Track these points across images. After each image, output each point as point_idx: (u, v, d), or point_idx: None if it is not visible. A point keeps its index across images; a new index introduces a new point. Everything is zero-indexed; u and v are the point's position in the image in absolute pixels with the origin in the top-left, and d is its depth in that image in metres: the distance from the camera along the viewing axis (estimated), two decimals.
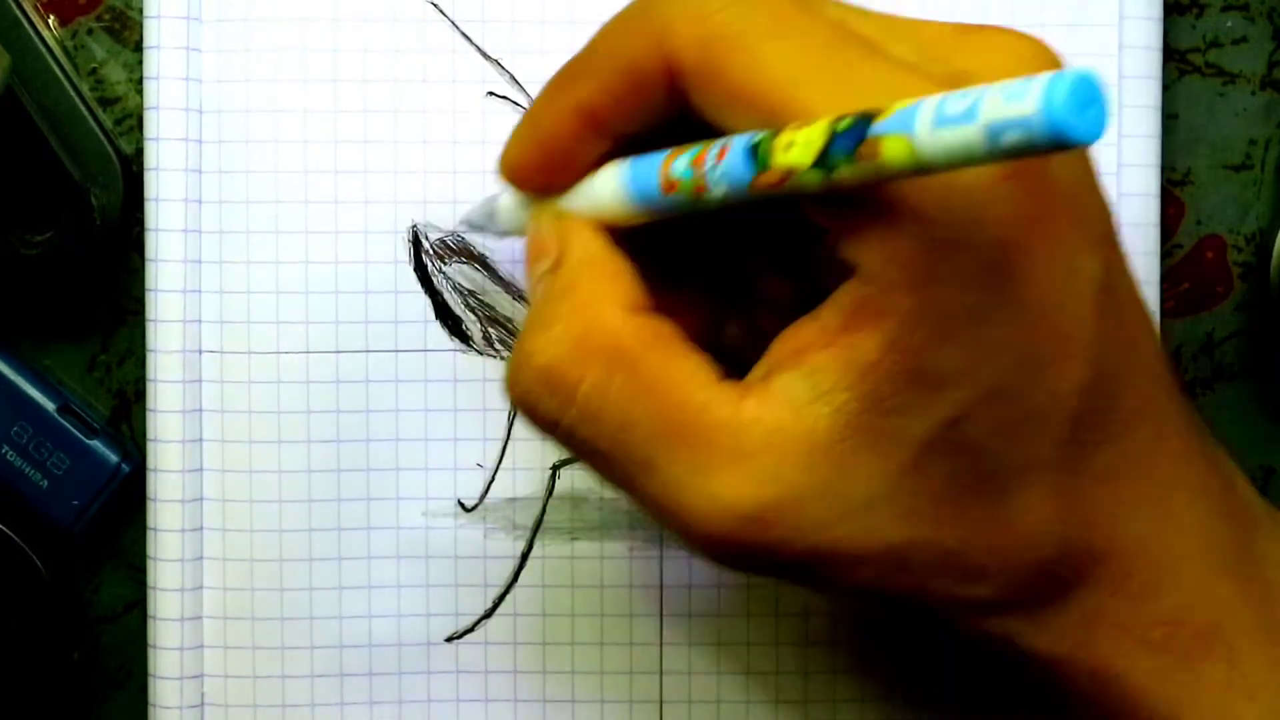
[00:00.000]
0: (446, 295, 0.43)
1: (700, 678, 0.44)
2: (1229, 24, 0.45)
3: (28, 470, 0.43)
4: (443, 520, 0.43)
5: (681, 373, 0.31)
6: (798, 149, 0.27)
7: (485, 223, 0.38)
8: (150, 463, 0.43)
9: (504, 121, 0.43)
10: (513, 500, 0.44)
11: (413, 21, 0.43)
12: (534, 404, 0.32)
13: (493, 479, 0.44)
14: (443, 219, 0.43)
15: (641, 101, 0.31)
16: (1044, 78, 0.23)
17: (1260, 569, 0.33)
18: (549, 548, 0.44)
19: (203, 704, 0.43)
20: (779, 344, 0.31)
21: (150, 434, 0.43)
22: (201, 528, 0.43)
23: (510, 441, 0.43)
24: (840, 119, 0.26)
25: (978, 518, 0.30)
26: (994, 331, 0.29)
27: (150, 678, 0.43)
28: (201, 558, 0.43)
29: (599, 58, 0.32)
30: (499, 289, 0.43)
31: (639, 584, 0.44)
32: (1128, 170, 0.43)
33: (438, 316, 0.43)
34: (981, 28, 0.31)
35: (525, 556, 0.44)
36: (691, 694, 0.44)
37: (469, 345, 0.43)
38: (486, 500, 0.44)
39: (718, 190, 0.29)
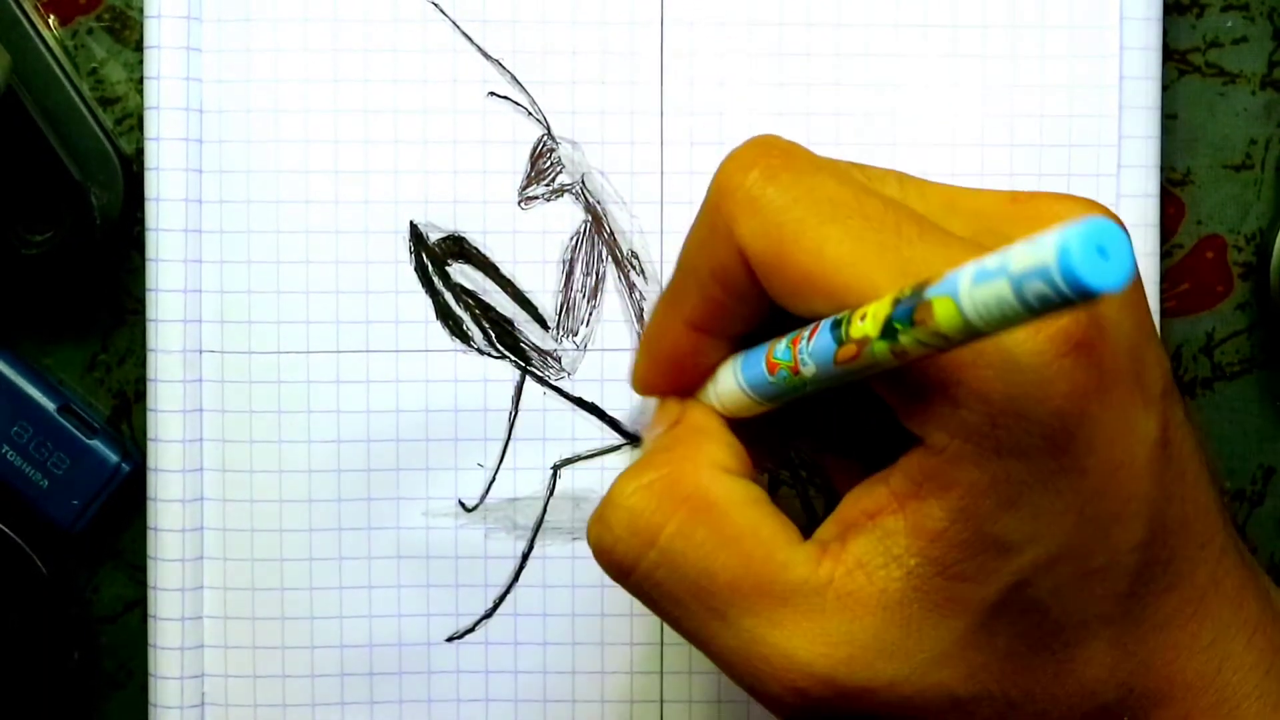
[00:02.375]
0: (447, 295, 0.43)
1: (701, 677, 0.44)
2: (1229, 24, 0.45)
3: (28, 470, 0.43)
4: (443, 520, 0.43)
5: (766, 531, 0.32)
6: (869, 320, 0.28)
7: (637, 425, 0.42)
8: (150, 462, 0.43)
9: (504, 121, 0.43)
10: (513, 500, 0.44)
11: (413, 21, 0.43)
12: (613, 544, 0.33)
13: (493, 479, 0.44)
14: (443, 219, 0.43)
15: (736, 302, 0.32)
16: (1062, 226, 0.23)
17: None
18: (550, 548, 0.44)
19: (203, 704, 0.43)
20: (849, 503, 0.32)
21: (150, 434, 0.43)
22: (202, 527, 0.43)
23: (511, 442, 0.43)
24: (903, 290, 0.27)
25: (1041, 671, 0.31)
26: (1056, 499, 0.30)
27: (150, 677, 0.43)
28: (202, 557, 0.43)
29: (689, 270, 0.33)
30: (499, 289, 0.43)
31: None
32: (1127, 171, 0.43)
33: (438, 316, 0.43)
34: (1035, 195, 0.32)
35: (526, 556, 0.44)
36: (692, 694, 0.44)
37: (470, 345, 0.43)
38: (487, 500, 0.44)
39: (809, 368, 0.30)
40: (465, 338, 0.43)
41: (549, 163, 0.43)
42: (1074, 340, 0.29)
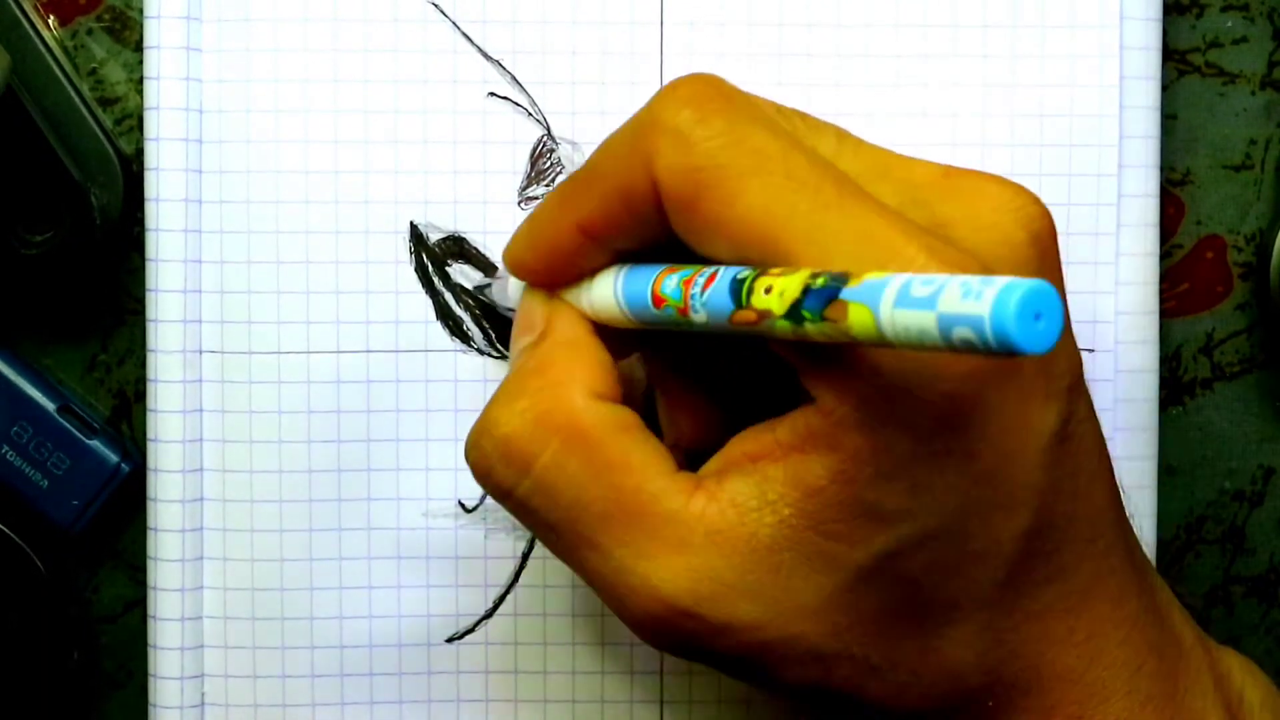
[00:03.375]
0: (447, 295, 0.43)
1: (701, 677, 0.44)
2: (1229, 24, 0.45)
3: (28, 470, 0.43)
4: (443, 521, 0.43)
5: (638, 460, 0.32)
6: (774, 296, 0.28)
7: (498, 295, 0.41)
8: (150, 463, 0.43)
9: (504, 122, 0.43)
10: None
11: (413, 22, 0.43)
12: (489, 470, 0.33)
13: None
14: (443, 219, 0.43)
15: (635, 223, 0.32)
16: (1000, 283, 0.23)
17: (1187, 700, 0.34)
18: None
19: (203, 704, 0.43)
20: (735, 444, 0.32)
21: (150, 434, 0.43)
22: (202, 528, 0.43)
23: None
24: (817, 275, 0.27)
25: (906, 643, 0.32)
26: (940, 478, 0.30)
27: (150, 678, 0.43)
28: (202, 558, 0.43)
29: (596, 178, 0.33)
30: None
31: None
32: (1128, 171, 0.43)
33: (438, 317, 0.43)
34: (970, 173, 0.32)
35: (526, 557, 0.44)
36: (692, 694, 0.44)
37: (470, 345, 0.43)
38: (487, 501, 0.44)
39: (699, 316, 0.30)
40: (465, 338, 0.43)
41: (549, 163, 0.43)
42: None
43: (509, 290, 0.38)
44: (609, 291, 0.34)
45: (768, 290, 0.28)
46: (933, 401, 0.29)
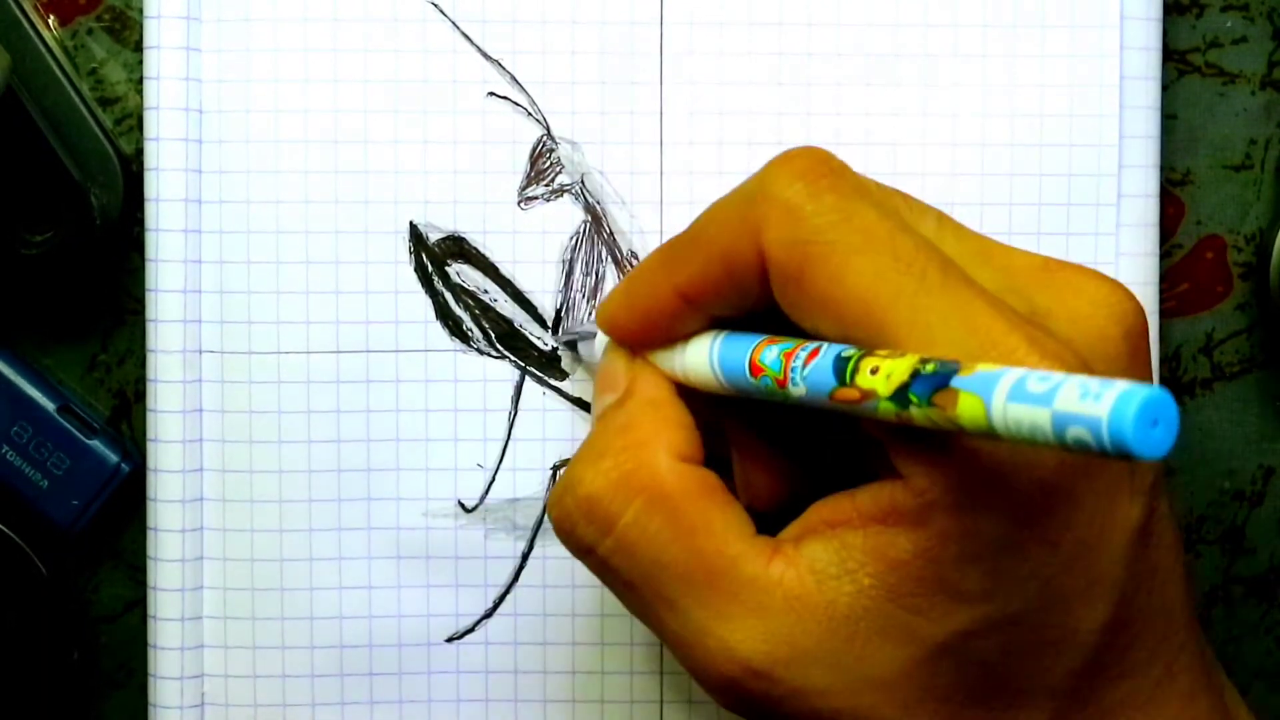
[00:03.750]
0: (447, 295, 0.43)
1: None
2: (1229, 24, 0.45)
3: (28, 470, 0.43)
4: (443, 521, 0.43)
5: (719, 523, 0.32)
6: (880, 378, 0.28)
7: (583, 349, 0.41)
8: (150, 463, 0.43)
9: (504, 121, 0.43)
10: (513, 501, 0.44)
11: (413, 22, 0.43)
12: (571, 528, 0.33)
13: (493, 479, 0.44)
14: (443, 219, 0.43)
15: (735, 290, 0.33)
16: (1120, 387, 0.24)
17: None
18: (550, 548, 0.44)
19: (203, 704, 0.43)
20: (814, 511, 0.32)
21: (150, 434, 0.43)
22: (201, 528, 0.43)
23: (511, 442, 0.43)
24: (926, 362, 0.27)
25: None
26: (1023, 564, 0.30)
27: (150, 677, 0.43)
28: (201, 558, 0.43)
29: (700, 243, 0.33)
30: (499, 289, 0.43)
31: None
32: (1128, 171, 0.43)
33: (438, 317, 0.43)
34: (1069, 266, 0.33)
35: (526, 557, 0.44)
36: (692, 694, 0.44)
37: (469, 345, 0.43)
38: (487, 501, 0.44)
39: (797, 390, 0.31)
40: (465, 338, 0.43)
41: (549, 163, 0.43)
42: None
43: (598, 345, 0.38)
44: (704, 356, 0.34)
45: (874, 371, 0.28)
46: (1024, 489, 0.29)
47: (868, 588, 0.30)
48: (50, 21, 0.43)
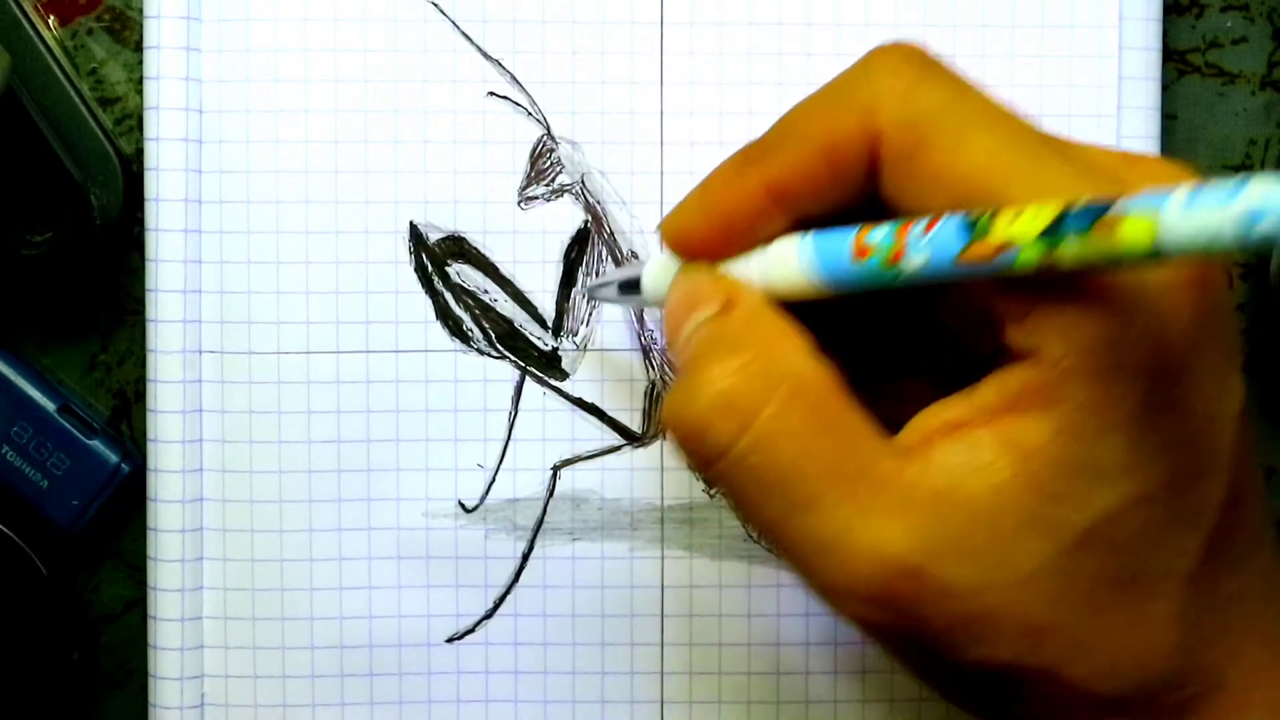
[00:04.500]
0: (447, 295, 0.43)
1: (701, 678, 0.44)
2: (1229, 24, 0.45)
3: (28, 470, 0.43)
4: (443, 521, 0.43)
5: (856, 420, 0.31)
6: (1024, 221, 0.28)
7: (617, 295, 0.38)
8: (150, 463, 0.43)
9: (504, 121, 0.43)
10: (513, 501, 0.44)
11: (413, 21, 0.43)
12: (702, 431, 0.31)
13: (493, 480, 0.44)
14: (443, 219, 0.43)
15: (838, 180, 0.32)
16: None
17: None
18: (550, 548, 0.44)
19: (202, 704, 0.43)
20: (927, 416, 0.31)
21: (150, 434, 0.43)
22: (201, 528, 0.43)
23: (511, 442, 0.43)
24: (1074, 201, 0.27)
25: (1118, 615, 0.31)
26: (1156, 435, 0.30)
27: (150, 678, 0.43)
28: (201, 558, 0.43)
29: (796, 134, 0.32)
30: (499, 289, 0.43)
31: (640, 584, 0.44)
32: None
33: (438, 317, 0.43)
34: (1143, 157, 0.32)
35: (526, 557, 0.44)
36: (693, 694, 0.44)
37: (469, 345, 0.43)
38: (487, 501, 0.44)
39: (917, 259, 0.30)
40: (465, 338, 0.43)
41: (549, 163, 0.43)
42: (1198, 277, 0.29)
43: (648, 277, 0.36)
44: (792, 252, 0.32)
45: (1014, 218, 0.28)
46: (1158, 350, 0.29)
47: (1004, 482, 0.30)
48: (50, 21, 0.44)
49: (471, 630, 0.44)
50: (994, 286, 0.30)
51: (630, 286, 0.37)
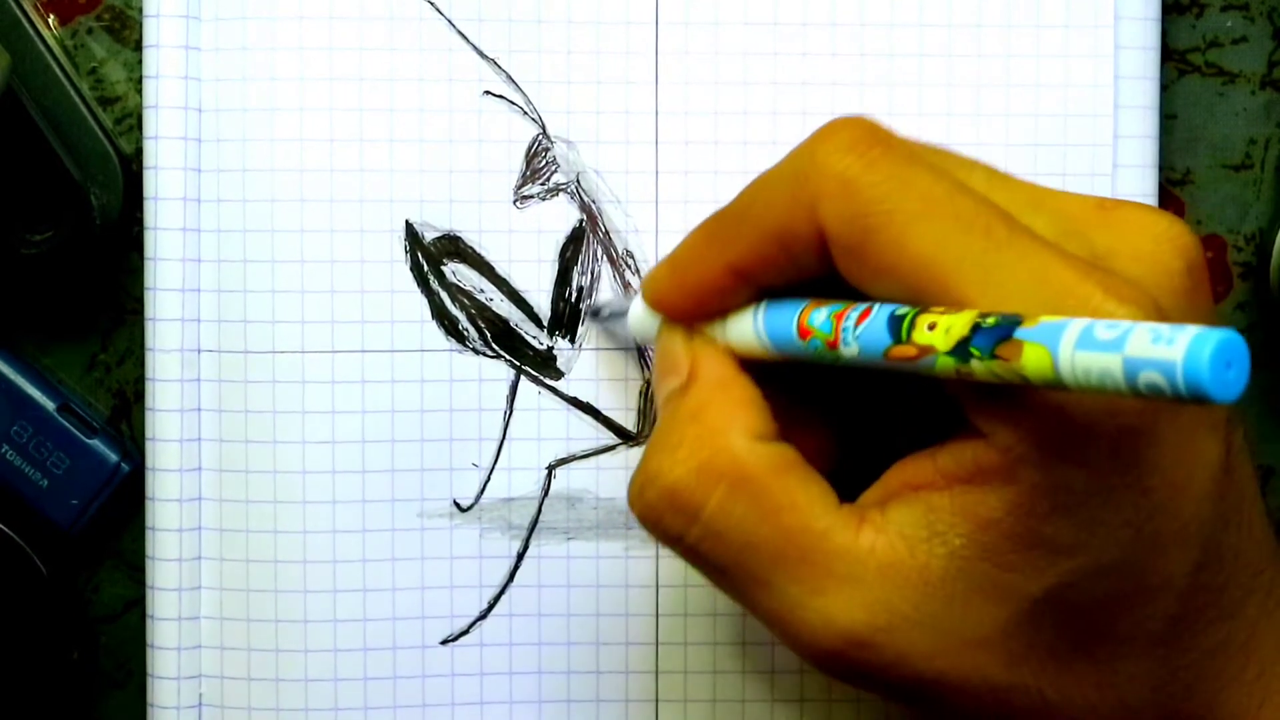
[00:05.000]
0: (442, 295, 0.43)
1: (696, 677, 0.43)
2: (1229, 24, 0.45)
3: (28, 470, 0.44)
4: (438, 521, 0.43)
5: (803, 499, 0.32)
6: (938, 333, 0.28)
7: (612, 323, 0.41)
8: (149, 462, 0.43)
9: (500, 120, 0.43)
10: (509, 500, 0.44)
11: (409, 20, 0.43)
12: (658, 519, 0.33)
13: (488, 479, 0.43)
14: (439, 218, 0.43)
15: (790, 265, 0.33)
16: (1193, 330, 0.24)
17: None
18: (545, 548, 0.43)
19: (200, 704, 0.43)
20: (894, 474, 0.32)
21: (149, 433, 0.43)
22: (200, 528, 0.43)
23: (506, 441, 0.43)
24: (987, 316, 0.27)
25: (1082, 676, 0.32)
26: (1115, 513, 0.30)
27: (149, 678, 0.43)
28: (200, 558, 0.43)
29: (750, 221, 0.33)
30: (495, 288, 0.43)
31: (635, 584, 0.43)
32: (1123, 171, 0.43)
33: (434, 316, 0.43)
34: (1121, 204, 0.32)
35: (521, 557, 0.44)
36: (687, 693, 0.43)
37: (465, 345, 0.43)
38: (482, 500, 0.43)
39: (849, 350, 0.31)
40: (460, 337, 0.43)
41: (544, 162, 0.43)
42: None
43: (632, 319, 0.38)
44: (748, 325, 0.34)
45: (931, 327, 0.28)
46: (1109, 436, 0.29)
47: (960, 548, 0.30)
48: (50, 21, 0.44)
49: (466, 632, 0.44)
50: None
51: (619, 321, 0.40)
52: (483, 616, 0.44)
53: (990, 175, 0.33)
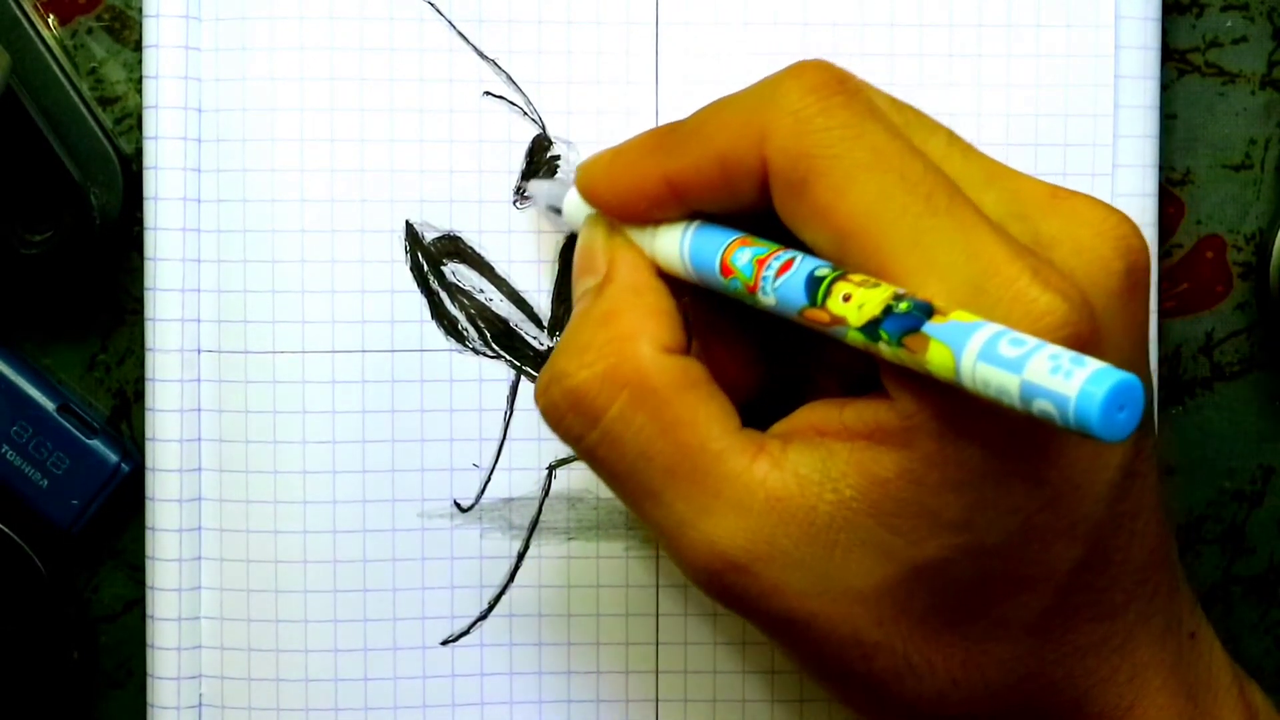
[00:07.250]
0: (443, 295, 0.43)
1: (696, 677, 0.43)
2: (1229, 24, 0.45)
3: (28, 470, 0.44)
4: (439, 521, 0.43)
5: (703, 417, 0.32)
6: (851, 306, 0.28)
7: (549, 202, 0.40)
8: (149, 462, 0.43)
9: (500, 121, 0.43)
10: (509, 500, 0.44)
11: (410, 21, 0.43)
12: (560, 418, 0.34)
13: (489, 479, 0.43)
14: (439, 218, 0.43)
15: (727, 191, 0.33)
16: (1091, 368, 0.24)
17: None
18: (545, 548, 0.44)
19: (200, 705, 0.43)
20: (804, 414, 0.32)
21: (149, 433, 0.43)
22: (200, 528, 0.43)
23: (506, 441, 0.43)
24: (902, 299, 0.27)
25: (949, 649, 0.32)
26: (1005, 497, 0.30)
27: (149, 678, 0.43)
28: (200, 558, 0.43)
29: (698, 138, 0.33)
30: (495, 289, 0.43)
31: (635, 584, 0.43)
32: (1123, 170, 0.43)
33: (434, 316, 0.43)
34: (1076, 195, 0.32)
35: (521, 557, 0.44)
36: (688, 693, 0.43)
37: (465, 345, 0.43)
38: (483, 501, 0.43)
39: (768, 300, 0.31)
40: (460, 337, 0.43)
41: (544, 162, 0.43)
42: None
43: (566, 202, 0.38)
44: (674, 247, 0.34)
45: (846, 298, 0.28)
46: (1012, 423, 0.29)
47: (849, 499, 0.30)
48: (50, 21, 0.44)
49: (466, 632, 0.44)
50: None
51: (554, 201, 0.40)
52: (483, 617, 0.44)
53: (951, 142, 0.33)
